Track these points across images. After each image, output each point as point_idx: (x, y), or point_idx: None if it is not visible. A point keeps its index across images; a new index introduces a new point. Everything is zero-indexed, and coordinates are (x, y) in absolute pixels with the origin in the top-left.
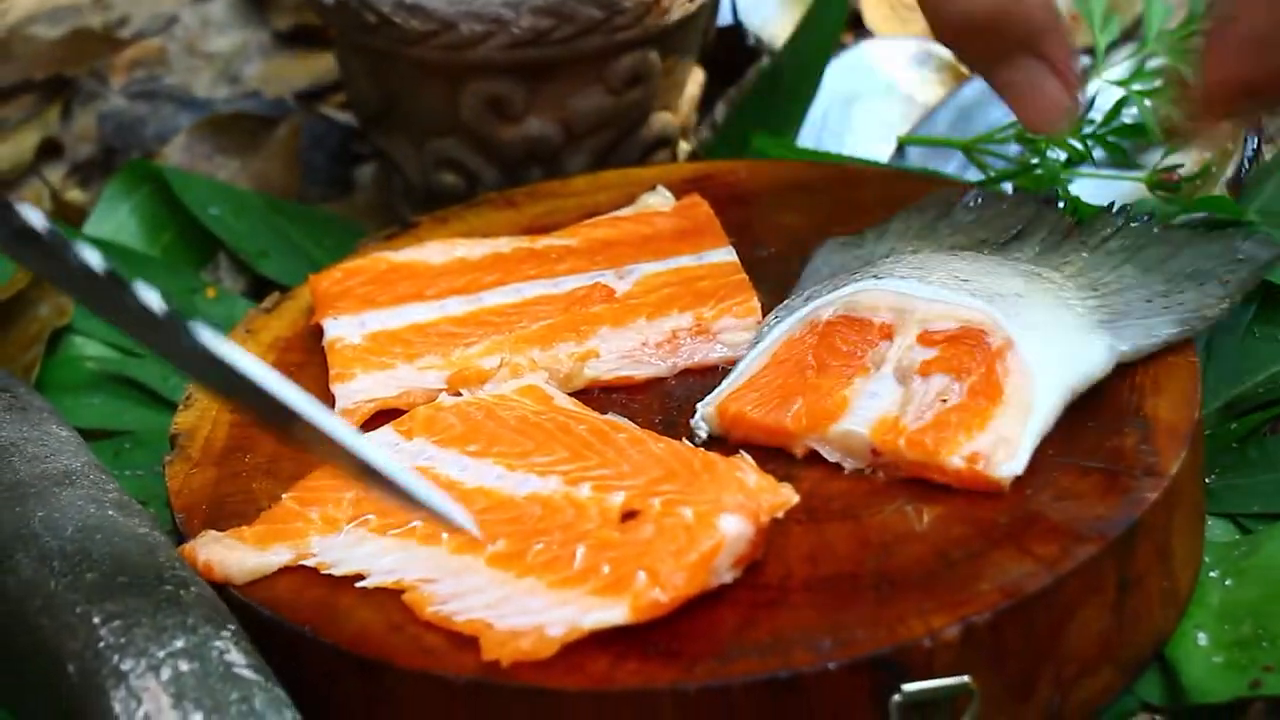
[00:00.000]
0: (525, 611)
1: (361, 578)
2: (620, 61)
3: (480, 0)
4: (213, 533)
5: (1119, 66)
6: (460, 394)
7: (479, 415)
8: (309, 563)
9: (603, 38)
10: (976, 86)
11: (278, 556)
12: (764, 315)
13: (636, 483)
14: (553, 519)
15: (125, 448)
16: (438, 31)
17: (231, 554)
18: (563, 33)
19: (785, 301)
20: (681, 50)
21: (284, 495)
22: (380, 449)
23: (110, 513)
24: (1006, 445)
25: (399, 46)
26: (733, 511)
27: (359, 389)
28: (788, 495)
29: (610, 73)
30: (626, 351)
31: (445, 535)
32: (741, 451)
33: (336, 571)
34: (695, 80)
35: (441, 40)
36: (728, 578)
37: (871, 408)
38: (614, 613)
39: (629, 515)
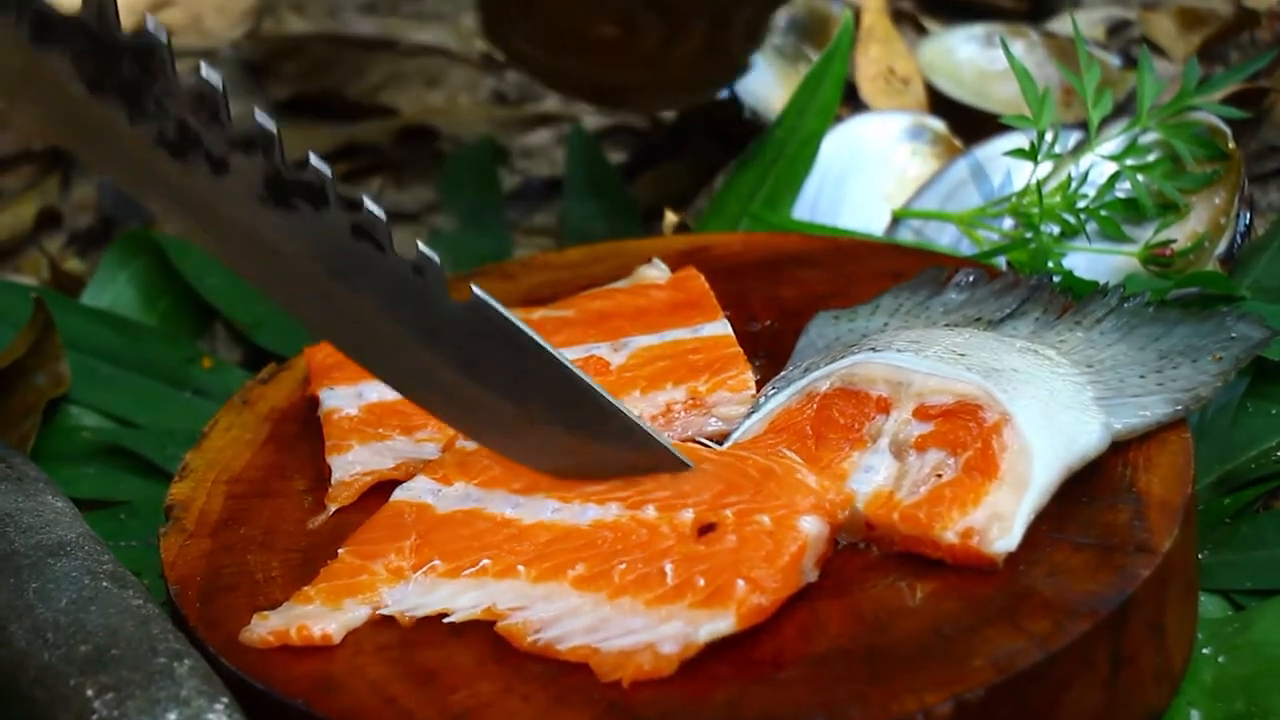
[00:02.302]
0: (629, 631)
1: (445, 615)
2: None
3: None
4: (285, 604)
5: (1112, 142)
6: None
7: None
8: (386, 612)
9: None
10: (970, 160)
11: (355, 612)
12: (758, 388)
13: (702, 498)
14: (627, 541)
15: (120, 518)
16: None
17: (318, 615)
18: None
19: (782, 373)
20: None
21: (340, 550)
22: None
23: (105, 584)
24: (1001, 521)
25: None
26: (809, 512)
27: (355, 461)
28: (849, 493)
29: None
30: None
31: (521, 566)
32: (783, 449)
33: (419, 614)
34: None
35: None
36: (813, 576)
37: (867, 481)
38: (723, 623)
39: (705, 529)
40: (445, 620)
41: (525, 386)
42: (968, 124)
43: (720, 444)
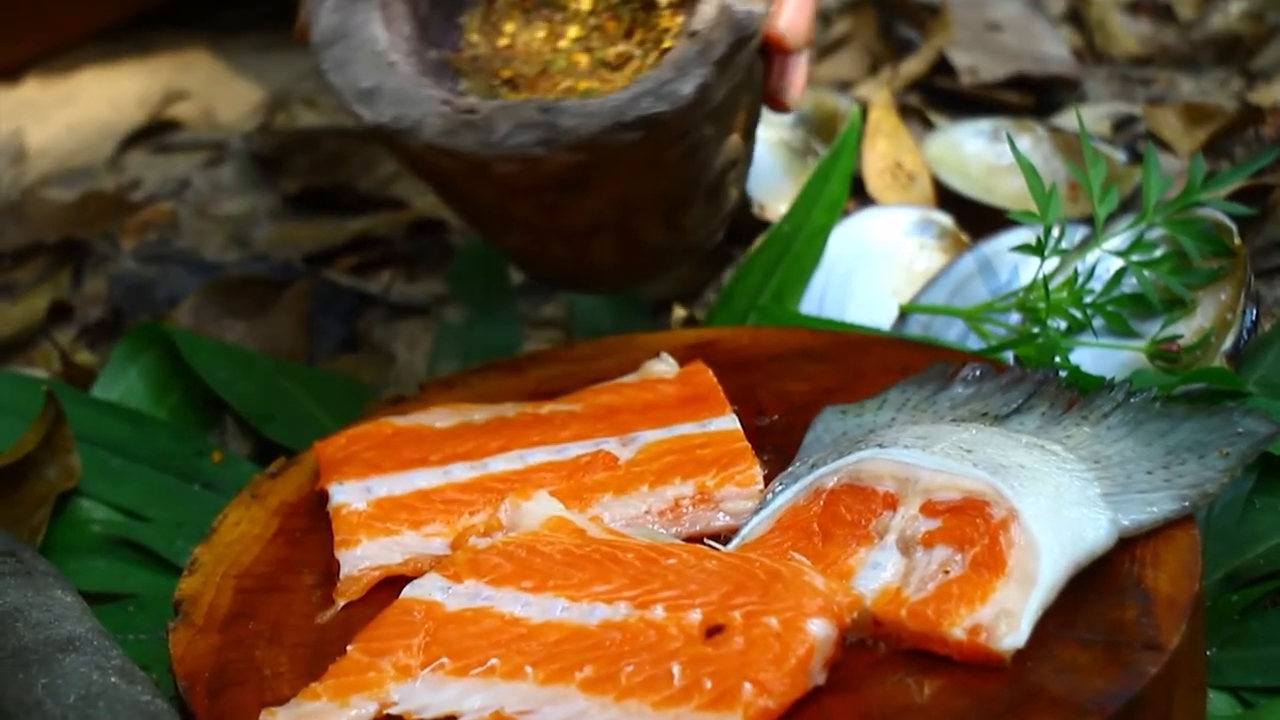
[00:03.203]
0: None
1: (454, 718)
2: (671, 151)
3: (514, 137)
4: (293, 700)
5: (1118, 237)
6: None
7: (522, 553)
8: (394, 710)
9: (652, 143)
10: (977, 255)
11: (363, 709)
12: (766, 483)
13: (710, 599)
14: (635, 642)
15: (129, 611)
16: (471, 169)
17: (326, 711)
18: (603, 157)
19: (789, 469)
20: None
21: (349, 646)
22: None
23: (113, 680)
24: (1009, 618)
25: (437, 174)
26: (816, 615)
27: (364, 555)
28: (858, 595)
29: (667, 157)
30: (629, 519)
31: (529, 667)
32: (792, 552)
33: (427, 715)
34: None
35: (477, 175)
36: (821, 679)
37: (874, 578)
38: None
39: (713, 630)
40: None
41: None
42: (975, 219)
43: (728, 540)
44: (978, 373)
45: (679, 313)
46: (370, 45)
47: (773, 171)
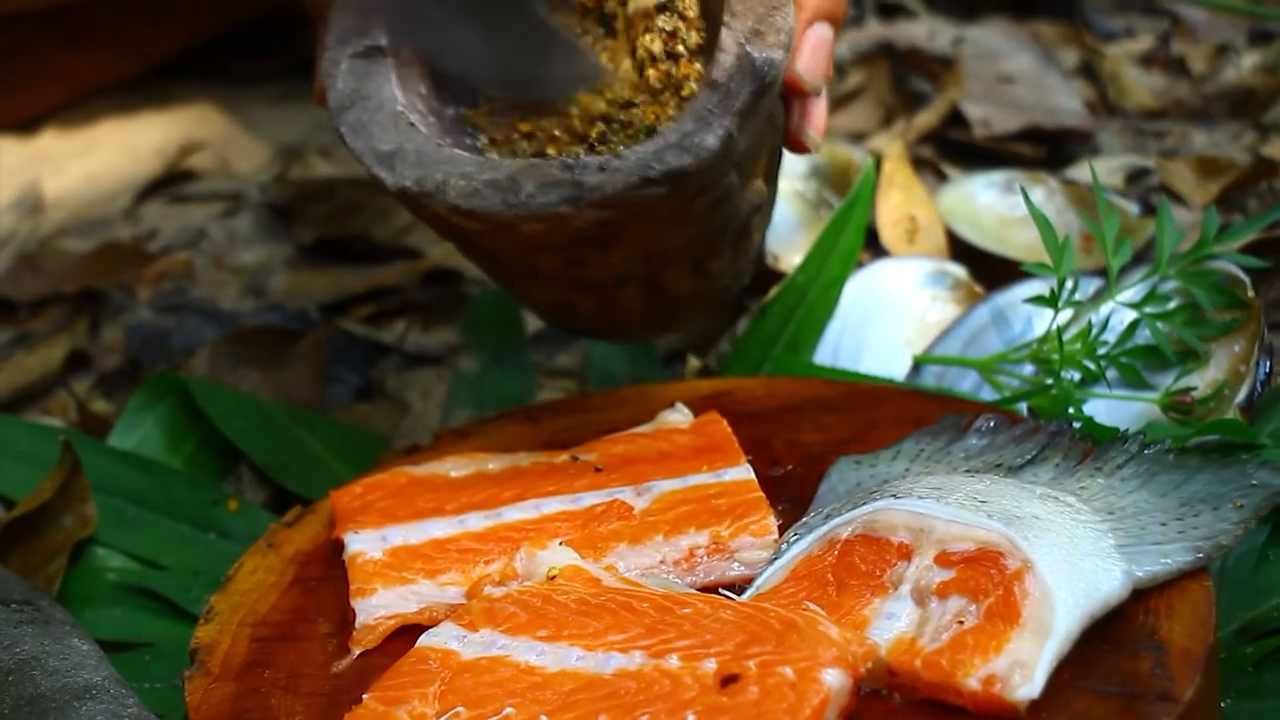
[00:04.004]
0: None
1: None
2: (697, 202)
3: (539, 197)
4: None
5: (1132, 289)
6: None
7: (538, 602)
8: None
9: (678, 197)
10: (991, 306)
11: None
12: (780, 533)
13: (724, 648)
14: (650, 691)
15: (145, 660)
16: (497, 229)
17: None
18: (630, 214)
19: (803, 519)
20: (752, 149)
21: (365, 695)
22: None
23: None
24: (1023, 669)
25: (461, 232)
26: (831, 665)
27: (380, 604)
28: (873, 645)
29: (693, 208)
30: (644, 569)
31: (545, 717)
32: (806, 602)
33: None
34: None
35: (502, 234)
36: None
37: (889, 628)
38: None
39: (728, 680)
40: None
41: None
42: (988, 270)
43: (743, 590)
44: (992, 424)
45: (693, 363)
46: (388, 106)
47: (787, 222)
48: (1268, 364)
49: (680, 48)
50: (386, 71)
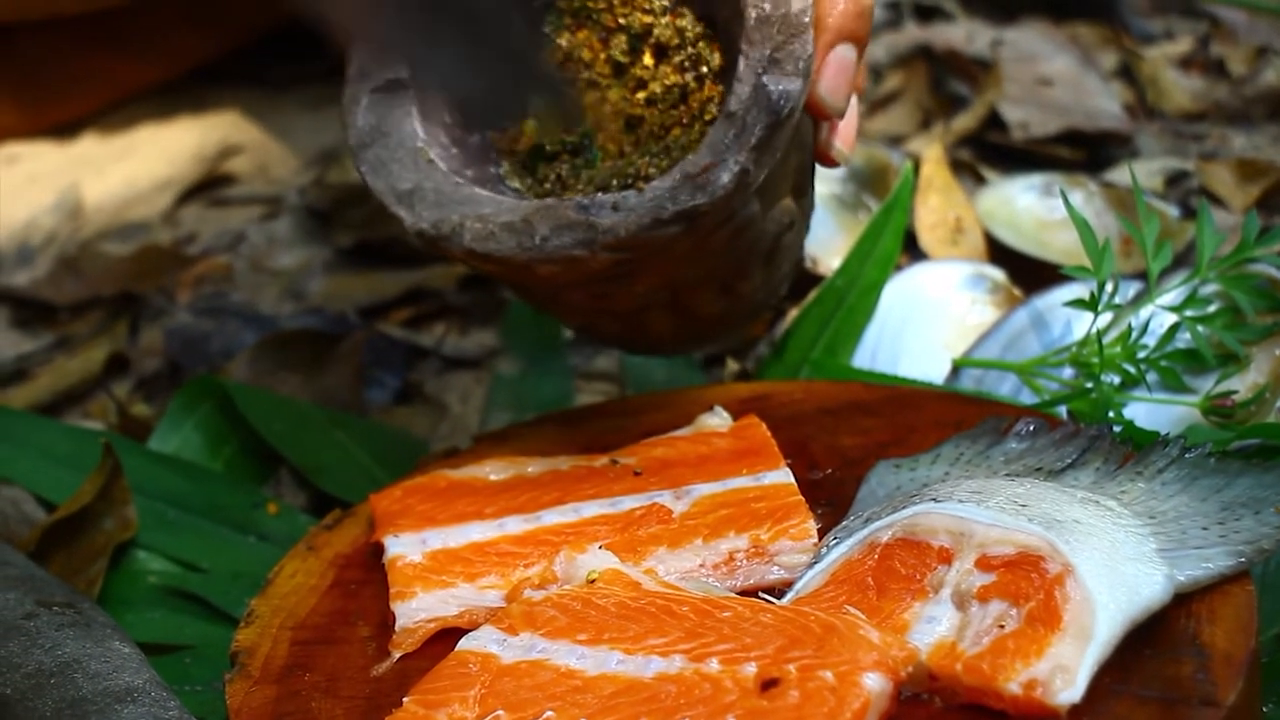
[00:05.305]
0: None
1: None
2: (717, 235)
3: (554, 239)
4: None
5: (1172, 292)
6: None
7: (578, 606)
8: None
9: (694, 233)
10: (1030, 310)
11: None
12: (820, 537)
13: (765, 652)
14: (690, 695)
15: (186, 663)
16: (515, 269)
17: None
18: (645, 253)
19: (843, 522)
20: (776, 173)
21: (405, 699)
22: None
23: None
24: (1065, 673)
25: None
26: (872, 669)
27: (420, 608)
28: (913, 649)
29: (712, 241)
30: (684, 573)
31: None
32: (848, 607)
33: None
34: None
35: (521, 274)
36: None
37: (930, 632)
38: None
39: (768, 684)
40: None
41: None
42: (1027, 273)
43: (782, 594)
44: (1031, 428)
45: (732, 366)
46: (408, 143)
47: (825, 226)
48: None
49: (704, 69)
50: (408, 105)
